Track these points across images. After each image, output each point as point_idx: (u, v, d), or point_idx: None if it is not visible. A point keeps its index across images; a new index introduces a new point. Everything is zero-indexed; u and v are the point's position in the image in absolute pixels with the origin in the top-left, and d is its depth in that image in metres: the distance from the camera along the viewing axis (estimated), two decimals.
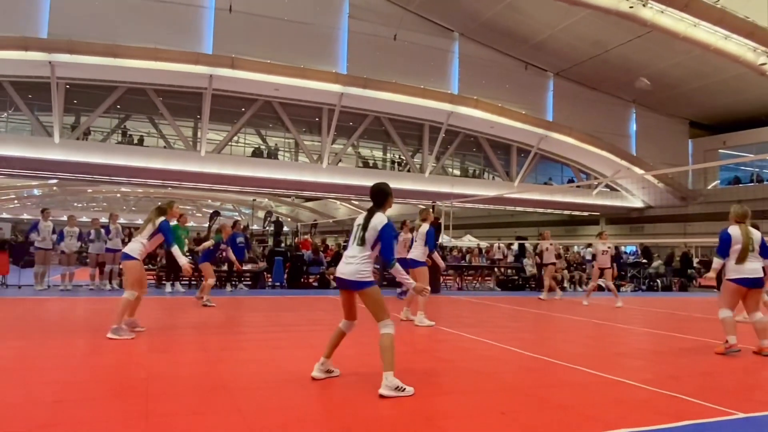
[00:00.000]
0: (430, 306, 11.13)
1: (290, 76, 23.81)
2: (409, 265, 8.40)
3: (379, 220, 4.41)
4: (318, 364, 4.54)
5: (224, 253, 11.55)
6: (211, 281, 9.90)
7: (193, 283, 13.88)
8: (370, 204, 4.61)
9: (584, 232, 37.94)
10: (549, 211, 34.48)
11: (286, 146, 27.87)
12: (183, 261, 6.72)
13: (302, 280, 15.12)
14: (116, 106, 24.22)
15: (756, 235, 6.32)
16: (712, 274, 6.58)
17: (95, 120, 23.86)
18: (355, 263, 4.35)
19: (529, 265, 16.97)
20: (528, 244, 18.54)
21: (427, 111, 27.54)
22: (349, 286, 4.39)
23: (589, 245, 19.43)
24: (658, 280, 19.18)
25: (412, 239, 9.51)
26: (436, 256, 9.07)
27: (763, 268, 6.41)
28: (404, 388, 4.11)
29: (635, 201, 34.85)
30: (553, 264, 13.97)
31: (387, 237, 4.36)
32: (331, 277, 14.66)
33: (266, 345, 6.17)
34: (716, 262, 6.47)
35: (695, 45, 24.90)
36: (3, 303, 9.31)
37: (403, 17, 28.60)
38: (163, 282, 12.97)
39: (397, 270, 4.40)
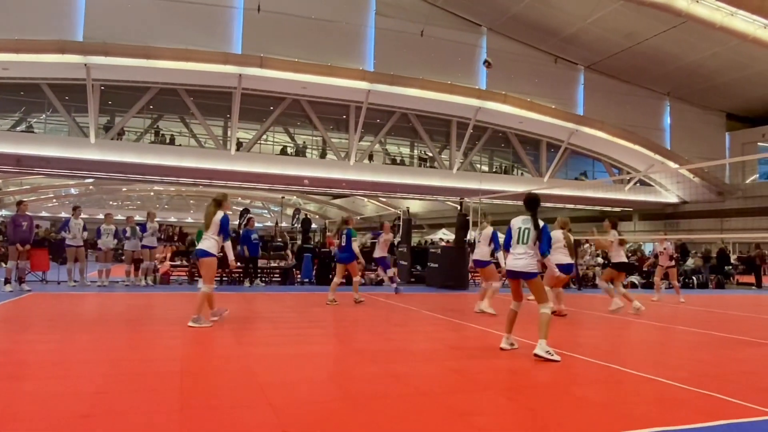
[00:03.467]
0: (457, 302, 11.11)
1: (318, 74, 23.95)
2: (478, 264, 9.42)
3: (542, 223, 5.56)
4: (504, 339, 5.79)
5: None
6: (357, 278, 10.09)
7: (224, 279, 14.12)
8: (523, 208, 5.80)
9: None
10: (580, 207, 33.93)
11: (314, 144, 28.07)
12: (231, 257, 7.24)
13: (330, 276, 15.23)
14: (149, 107, 24.76)
15: (570, 238, 9.01)
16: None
17: (129, 120, 24.44)
18: (525, 258, 5.47)
19: None
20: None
21: (454, 107, 27.35)
22: (519, 276, 5.54)
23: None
24: (694, 277, 18.69)
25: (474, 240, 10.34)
26: (499, 256, 8.61)
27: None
28: (553, 354, 5.19)
29: (670, 196, 33.98)
30: None
31: (546, 235, 5.54)
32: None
33: (298, 340, 6.24)
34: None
35: (732, 35, 24.15)
36: (43, 299, 9.63)
37: (429, 13, 28.45)
38: (195, 278, 13.21)
39: (549, 260, 5.66)
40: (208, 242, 6.93)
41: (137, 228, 12.40)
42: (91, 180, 36.79)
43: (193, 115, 25.00)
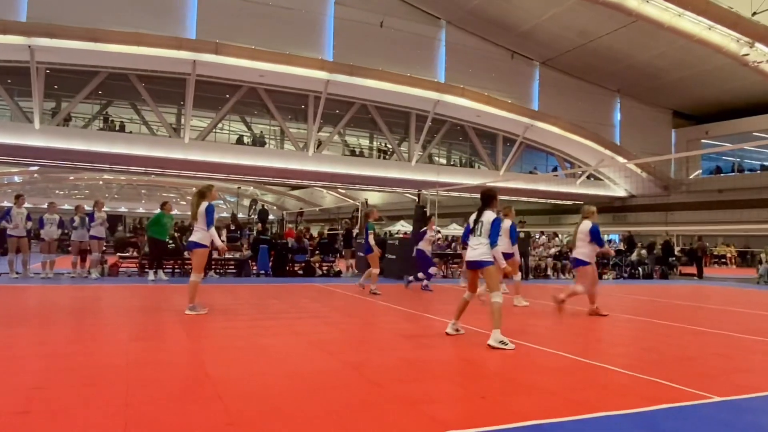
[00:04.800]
0: (414, 293, 11.18)
1: (275, 63, 23.58)
2: (576, 264, 8.48)
3: (492, 216, 5.78)
4: (450, 324, 6.08)
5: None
6: (376, 270, 10.39)
7: (176, 271, 13.78)
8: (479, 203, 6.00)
9: (568, 221, 38.24)
10: (533, 200, 34.74)
11: (272, 134, 27.65)
12: (219, 243, 7.33)
13: (287, 268, 15.08)
14: (98, 92, 23.81)
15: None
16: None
17: (76, 106, 23.45)
18: (480, 248, 5.70)
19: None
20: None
21: (413, 99, 27.46)
22: (476, 266, 5.75)
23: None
24: (640, 268, 19.42)
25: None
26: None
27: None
28: (507, 343, 5.35)
29: (618, 190, 35.19)
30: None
31: (496, 227, 5.72)
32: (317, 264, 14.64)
33: (250, 333, 6.15)
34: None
35: (680, 35, 25.11)
36: None
37: (389, 4, 28.40)
38: (146, 270, 12.83)
39: (497, 251, 5.68)
40: (200, 234, 7.07)
41: (86, 218, 11.92)
42: (35, 168, 35.18)
43: (144, 102, 24.21)
